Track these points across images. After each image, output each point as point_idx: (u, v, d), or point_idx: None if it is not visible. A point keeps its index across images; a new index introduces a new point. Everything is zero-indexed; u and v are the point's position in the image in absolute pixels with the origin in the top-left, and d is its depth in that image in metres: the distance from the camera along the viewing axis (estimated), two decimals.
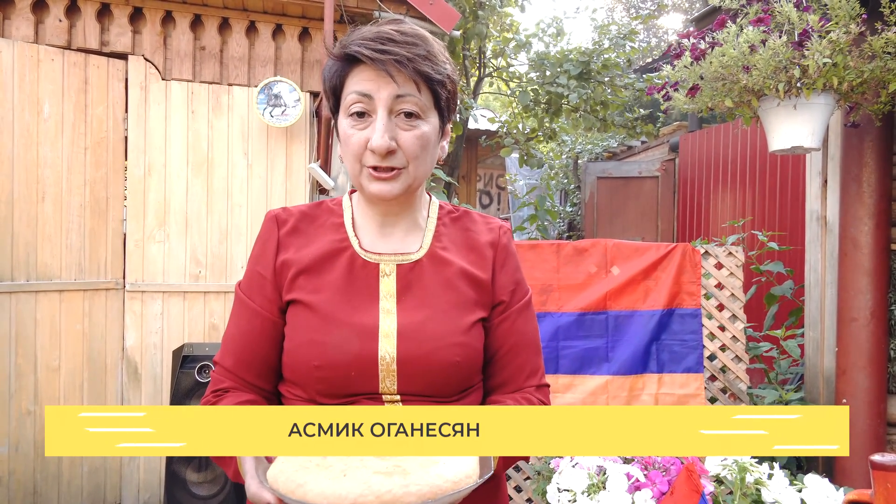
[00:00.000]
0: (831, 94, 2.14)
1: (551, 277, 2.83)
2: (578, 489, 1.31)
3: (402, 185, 0.95)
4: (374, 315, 0.96)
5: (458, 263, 1.02)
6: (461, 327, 0.97)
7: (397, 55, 0.89)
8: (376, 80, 0.91)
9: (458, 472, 0.80)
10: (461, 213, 1.09)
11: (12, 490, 2.92)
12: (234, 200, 3.30)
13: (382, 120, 0.91)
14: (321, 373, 0.94)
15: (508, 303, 1.04)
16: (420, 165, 0.95)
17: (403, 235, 1.03)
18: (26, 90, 2.94)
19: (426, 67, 0.91)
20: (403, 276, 0.99)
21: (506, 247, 1.06)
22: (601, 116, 6.02)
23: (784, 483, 1.34)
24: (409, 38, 0.92)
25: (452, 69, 0.98)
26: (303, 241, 1.01)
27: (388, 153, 0.92)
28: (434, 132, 0.96)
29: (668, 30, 15.06)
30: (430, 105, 0.95)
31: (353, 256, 1.00)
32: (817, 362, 2.92)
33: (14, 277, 2.90)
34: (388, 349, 0.94)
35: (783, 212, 4.68)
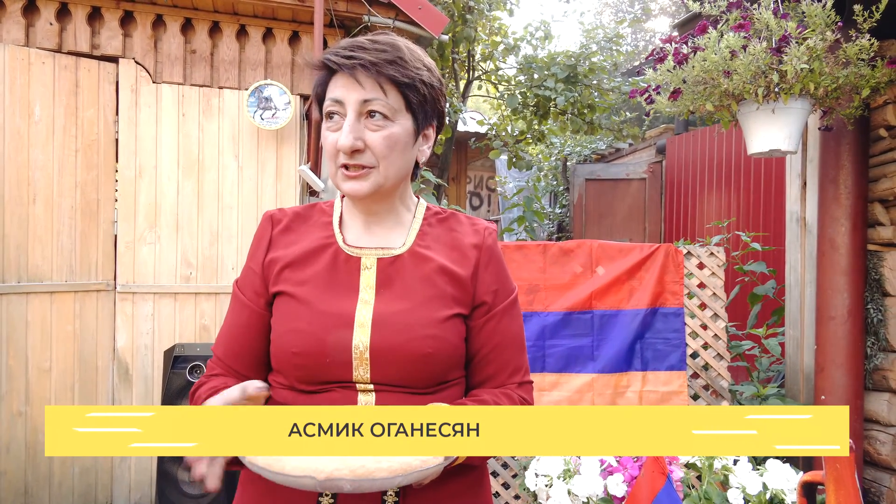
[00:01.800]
0: (808, 98, 2.21)
1: (538, 277, 2.89)
2: (554, 474, 1.36)
3: (371, 184, 0.99)
4: (351, 305, 1.00)
5: (438, 260, 1.05)
6: (435, 319, 1.00)
7: (362, 60, 0.95)
8: (346, 87, 0.97)
9: (423, 457, 0.84)
10: (448, 215, 1.12)
11: (3, 490, 2.93)
12: (225, 202, 3.33)
13: (349, 122, 0.96)
14: (298, 359, 0.98)
15: (491, 304, 1.06)
16: (390, 165, 0.99)
17: (387, 233, 1.07)
18: (17, 93, 2.96)
19: (391, 71, 0.96)
20: (383, 270, 1.03)
21: (490, 248, 1.08)
22: (588, 119, 6.09)
23: (748, 468, 1.39)
24: (380, 46, 0.98)
25: (430, 75, 1.02)
26: (293, 238, 1.07)
27: (355, 152, 0.97)
28: (405, 134, 1.00)
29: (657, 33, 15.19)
30: (401, 108, 0.99)
31: (337, 251, 1.04)
32: (797, 360, 2.99)
33: (5, 279, 2.92)
34: (362, 338, 0.98)
35: (766, 213, 4.77)
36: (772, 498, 1.52)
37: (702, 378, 2.90)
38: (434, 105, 1.04)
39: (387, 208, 1.06)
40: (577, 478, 1.32)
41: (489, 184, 10.18)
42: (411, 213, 1.10)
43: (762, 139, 2.28)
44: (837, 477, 0.80)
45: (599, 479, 1.35)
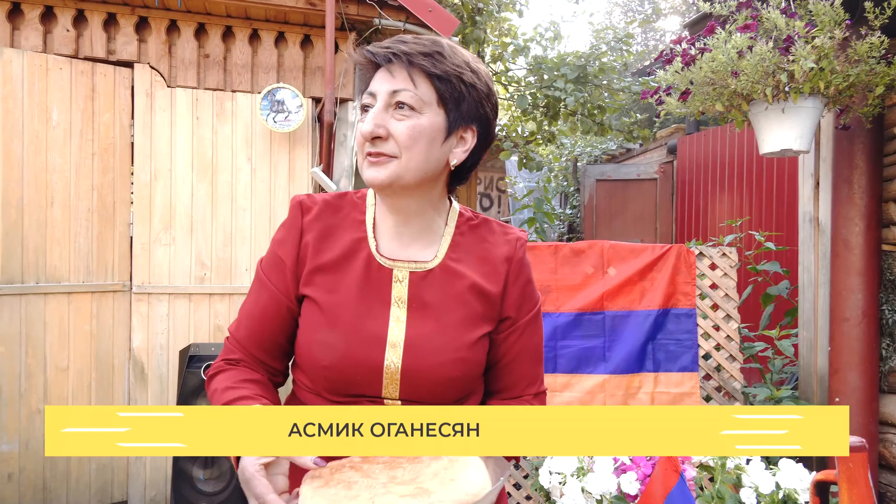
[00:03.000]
0: (819, 97, 2.20)
1: (549, 278, 2.90)
2: (568, 472, 1.37)
3: (389, 173, 0.95)
4: (383, 323, 0.99)
5: (469, 276, 1.03)
6: (466, 343, 1.00)
7: (396, 50, 0.94)
8: (380, 79, 0.96)
9: (476, 485, 0.82)
10: (480, 222, 1.09)
11: (22, 486, 2.98)
12: (238, 204, 3.37)
13: (375, 110, 0.95)
14: (328, 372, 0.98)
15: (515, 318, 1.06)
16: (412, 157, 0.95)
17: (418, 240, 1.04)
18: (35, 98, 3.02)
19: (423, 62, 0.94)
20: (415, 284, 1.01)
21: (520, 261, 1.07)
22: (598, 120, 6.08)
23: (761, 467, 1.39)
24: (419, 40, 0.97)
25: (473, 76, 0.98)
26: (324, 230, 1.04)
27: (376, 139, 0.95)
28: (432, 128, 0.96)
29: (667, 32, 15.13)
30: (432, 101, 0.96)
31: (370, 258, 1.02)
32: (811, 362, 2.97)
33: (24, 280, 2.97)
34: (394, 359, 0.97)
35: (779, 213, 4.74)
36: (785, 498, 1.53)
37: (714, 380, 2.89)
38: (475, 107, 1.00)
39: (416, 210, 1.03)
40: (590, 476, 1.33)
41: (499, 185, 10.18)
42: (443, 220, 1.07)
43: (773, 139, 2.28)
44: (850, 476, 0.81)
45: (613, 478, 1.35)
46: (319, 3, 3.28)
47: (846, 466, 0.82)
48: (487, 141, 1.05)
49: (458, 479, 0.83)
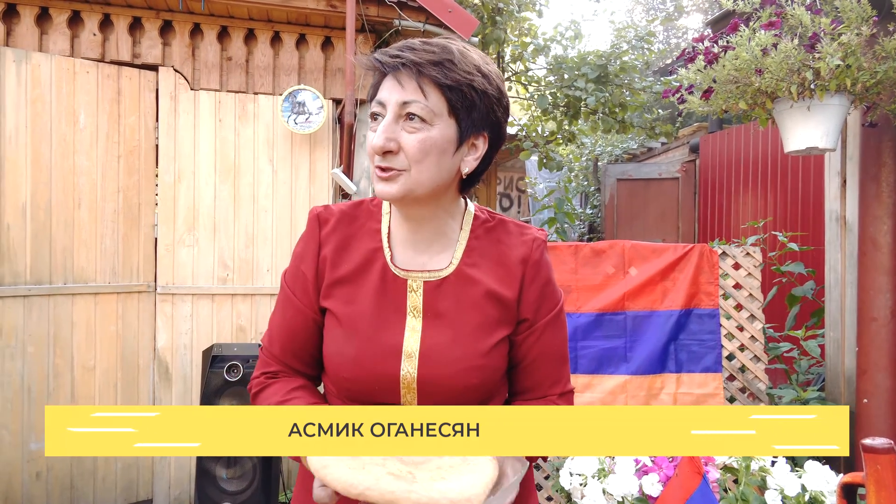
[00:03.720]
0: (845, 95, 2.16)
1: (569, 278, 2.88)
2: (589, 473, 1.36)
3: (400, 187, 0.94)
4: (399, 333, 0.99)
5: (484, 282, 1.02)
6: (482, 350, 0.99)
7: (405, 59, 0.92)
8: (389, 88, 0.94)
9: (462, 492, 0.81)
10: (496, 223, 1.07)
11: (50, 485, 3.04)
12: (260, 205, 3.40)
13: (385, 122, 0.93)
14: (348, 384, 1.00)
15: (533, 319, 1.04)
16: (423, 170, 0.94)
17: (433, 245, 1.04)
18: (63, 102, 3.07)
19: (434, 72, 0.91)
20: (430, 293, 1.01)
21: (537, 262, 1.05)
22: (619, 119, 6.04)
23: (786, 469, 1.37)
24: (428, 47, 0.94)
25: (484, 81, 0.96)
26: (341, 242, 1.05)
27: (387, 153, 0.93)
28: (443, 140, 0.94)
29: (689, 30, 14.98)
30: (442, 112, 0.94)
31: (385, 268, 1.02)
32: (838, 362, 2.92)
33: (52, 281, 3.03)
34: (410, 369, 0.98)
35: (804, 212, 4.67)
36: (811, 500, 1.50)
37: (738, 380, 2.86)
38: (486, 114, 0.97)
39: (429, 217, 1.02)
40: (611, 477, 1.32)
41: (519, 185, 10.16)
42: (458, 224, 1.05)
43: (799, 137, 2.25)
44: (878, 478, 0.79)
45: (634, 479, 1.34)
46: (340, 4, 3.30)
47: (874, 468, 0.80)
48: (499, 144, 1.03)
49: (449, 479, 0.84)
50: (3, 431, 2.93)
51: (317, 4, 3.29)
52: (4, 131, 2.93)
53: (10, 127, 2.94)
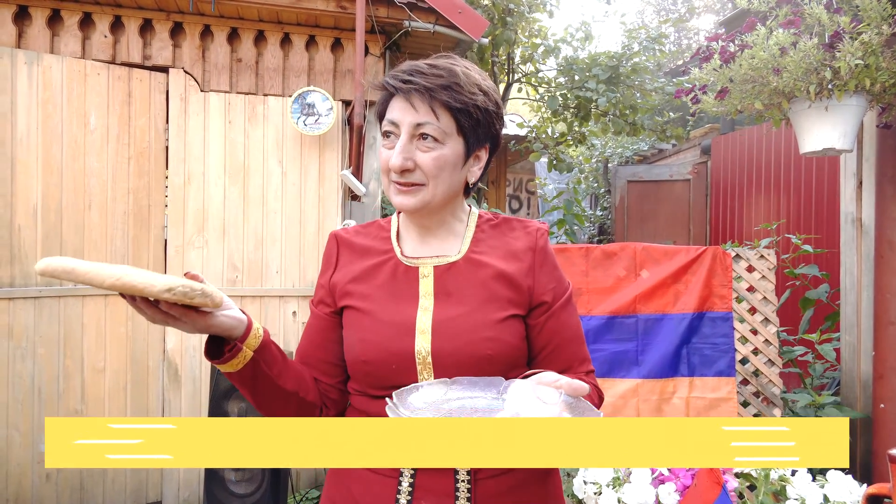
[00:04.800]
0: (863, 95, 2.13)
1: (580, 281, 2.85)
2: (604, 482, 1.34)
3: (420, 200, 1.05)
4: (412, 313, 1.06)
5: (493, 265, 1.09)
6: (492, 321, 1.04)
7: (417, 85, 1.00)
8: (402, 109, 1.03)
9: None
10: (500, 221, 1.17)
11: (60, 486, 3.04)
12: (270, 207, 3.39)
13: (401, 143, 1.02)
14: (368, 367, 1.05)
15: (551, 302, 1.10)
16: (439, 184, 1.04)
17: (442, 243, 1.12)
18: (74, 103, 3.08)
19: (444, 96, 1.01)
20: (440, 277, 1.08)
21: (543, 249, 1.13)
22: (630, 120, 6.00)
23: (807, 479, 1.34)
24: (436, 71, 1.03)
25: (485, 99, 1.06)
26: (357, 253, 1.15)
27: (405, 171, 1.03)
28: (454, 155, 1.05)
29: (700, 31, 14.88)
30: (452, 131, 1.04)
31: (397, 263, 1.11)
32: (854, 367, 2.88)
33: (63, 282, 3.03)
34: (424, 344, 1.03)
35: (818, 214, 4.61)
36: None
37: (752, 384, 2.82)
38: (488, 129, 1.08)
39: (438, 222, 1.12)
40: (627, 486, 1.29)
41: (529, 186, 10.12)
42: (464, 224, 1.15)
43: (815, 138, 2.21)
44: None
45: (651, 489, 1.32)
46: (350, 6, 3.29)
47: None
48: (496, 151, 1.14)
49: None
50: (14, 433, 2.93)
51: (327, 6, 3.28)
52: (16, 133, 2.94)
53: (21, 128, 2.95)
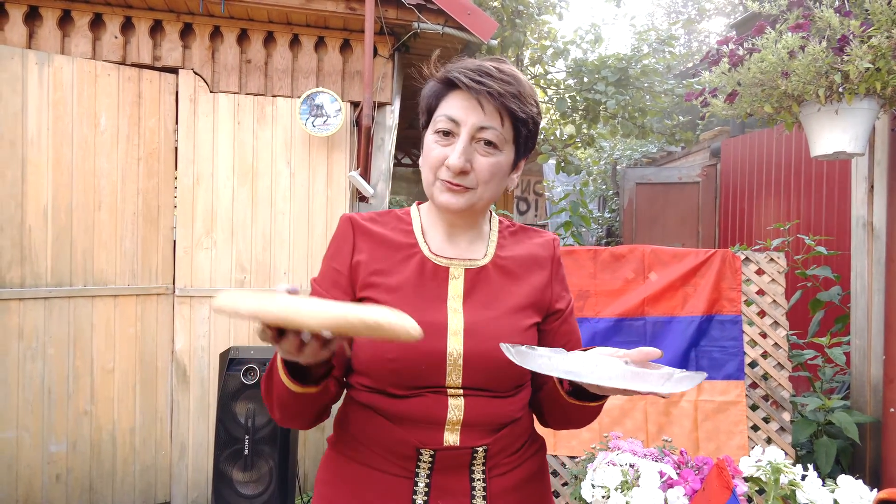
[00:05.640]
0: (875, 98, 2.11)
1: (588, 283, 2.85)
2: (612, 486, 1.33)
3: (467, 202, 1.04)
4: (443, 314, 1.05)
5: (519, 272, 1.12)
6: (520, 328, 1.07)
7: (491, 88, 0.99)
8: (466, 109, 1.01)
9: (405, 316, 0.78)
10: (517, 228, 1.20)
11: (70, 487, 3.06)
12: (278, 208, 3.40)
13: (463, 143, 1.01)
14: (394, 365, 1.02)
15: (564, 309, 1.16)
16: (488, 190, 1.05)
17: (468, 244, 1.13)
18: (84, 104, 3.10)
19: (513, 105, 1.01)
20: (470, 279, 1.09)
21: (559, 259, 1.18)
22: (639, 123, 5.98)
23: (818, 484, 1.33)
24: (505, 76, 1.02)
25: (538, 112, 1.07)
26: (376, 242, 1.11)
27: (462, 173, 1.02)
28: (507, 164, 1.06)
29: (711, 33, 14.81)
30: (510, 139, 1.05)
31: (424, 260, 1.09)
32: (864, 371, 2.86)
33: (73, 283, 3.05)
34: (456, 346, 1.02)
35: (828, 217, 4.58)
36: None
37: (761, 388, 2.80)
38: (534, 141, 1.10)
39: (470, 223, 1.12)
40: (635, 490, 1.29)
41: (536, 188, 10.11)
42: (488, 227, 1.16)
43: (826, 141, 2.20)
44: None
45: (660, 492, 1.31)
46: (359, 7, 3.30)
47: None
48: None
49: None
50: (24, 433, 2.95)
51: (336, 7, 3.29)
52: (27, 133, 2.96)
53: (32, 129, 2.97)
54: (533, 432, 1.15)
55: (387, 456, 1.04)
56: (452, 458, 1.02)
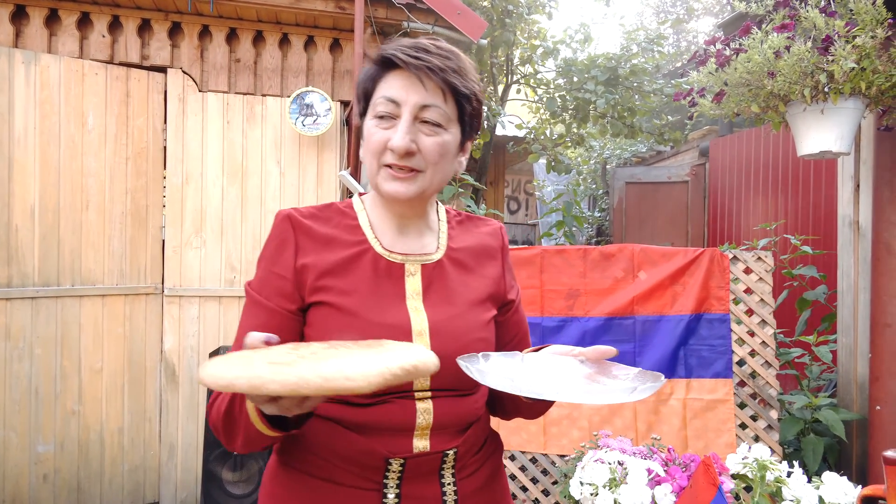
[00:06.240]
0: (860, 98, 2.13)
1: (578, 282, 2.86)
2: (600, 483, 1.34)
3: (417, 188, 0.98)
4: (404, 314, 0.98)
5: (472, 264, 1.09)
6: (482, 323, 1.03)
7: (431, 63, 0.94)
8: (406, 87, 0.95)
9: (366, 366, 0.67)
10: (464, 217, 1.15)
11: (57, 487, 3.04)
12: (268, 207, 3.39)
13: (406, 122, 0.95)
14: None
15: (515, 299, 1.14)
16: (437, 172, 0.99)
17: (419, 237, 1.07)
18: (72, 103, 3.08)
19: (455, 80, 0.96)
20: (427, 276, 1.03)
21: (507, 248, 1.15)
22: (629, 122, 6.00)
23: (803, 480, 1.34)
24: (444, 52, 0.97)
25: (480, 89, 1.02)
26: (320, 242, 1.01)
27: (407, 154, 0.95)
28: (454, 143, 1.00)
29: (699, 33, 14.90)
30: (454, 117, 0.99)
31: (376, 258, 1.01)
32: (850, 369, 2.89)
33: (60, 282, 3.03)
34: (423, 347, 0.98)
35: (815, 216, 4.62)
36: None
37: (749, 386, 2.82)
38: (479, 119, 1.05)
39: (419, 213, 1.06)
40: (623, 487, 1.30)
41: (527, 188, 10.14)
42: (436, 217, 1.12)
43: (812, 140, 2.22)
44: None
45: (647, 489, 1.32)
46: (349, 6, 3.30)
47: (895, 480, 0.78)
48: (473, 143, 1.11)
49: (351, 356, 0.70)
50: (11, 433, 2.93)
51: (325, 6, 3.28)
52: (13, 133, 2.93)
53: (18, 128, 2.95)
54: (490, 430, 1.11)
55: (351, 468, 0.96)
56: (423, 464, 0.96)
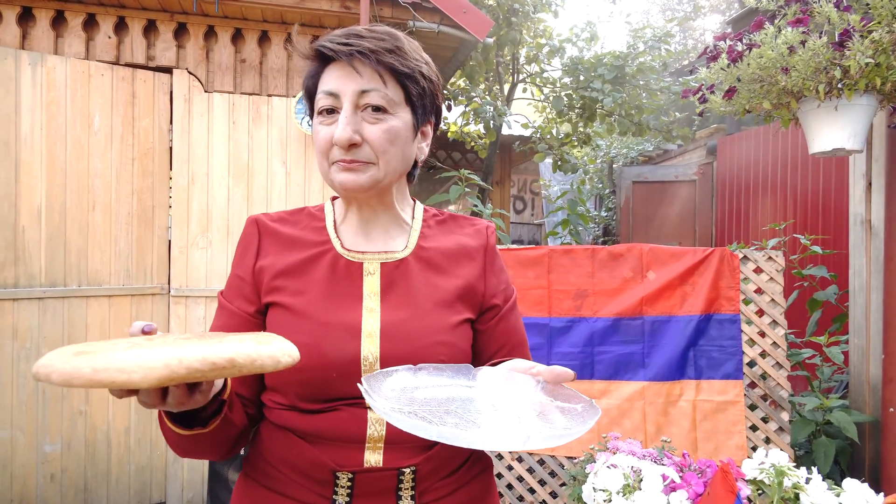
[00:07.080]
0: (874, 94, 2.10)
1: (586, 282, 2.83)
2: (614, 489, 1.32)
3: (370, 178, 0.92)
4: (356, 314, 0.93)
5: (443, 264, 1.00)
6: (446, 326, 0.94)
7: (360, 47, 0.88)
8: (342, 78, 0.90)
9: (278, 347, 0.66)
10: (446, 217, 1.07)
11: (64, 487, 3.04)
12: (273, 208, 3.38)
13: (346, 113, 0.89)
14: (302, 376, 0.89)
15: (501, 305, 1.03)
16: (390, 161, 0.92)
17: (386, 236, 1.01)
18: (78, 104, 3.07)
19: (391, 60, 0.90)
20: (387, 275, 0.96)
21: (493, 248, 1.05)
22: (636, 121, 5.97)
23: (822, 487, 1.31)
24: (377, 34, 0.92)
25: (429, 68, 0.96)
26: (283, 244, 0.99)
27: (352, 146, 0.90)
28: (405, 128, 0.93)
29: (706, 31, 14.84)
30: (400, 100, 0.92)
31: (336, 257, 0.97)
32: (863, 370, 2.85)
33: (66, 283, 3.03)
34: (371, 349, 0.90)
35: (826, 215, 4.58)
36: None
37: (759, 388, 2.79)
38: (433, 100, 0.98)
39: (383, 209, 1.00)
40: (638, 493, 1.27)
41: (533, 187, 10.11)
42: (410, 215, 1.04)
43: (825, 138, 2.18)
44: None
45: (662, 496, 1.30)
46: (354, 6, 3.28)
47: None
48: (437, 129, 1.04)
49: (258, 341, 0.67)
50: (18, 433, 2.93)
51: (331, 6, 3.27)
52: (20, 134, 2.93)
53: (25, 129, 2.94)
54: (474, 451, 0.99)
55: (301, 481, 0.91)
56: (375, 481, 0.89)
